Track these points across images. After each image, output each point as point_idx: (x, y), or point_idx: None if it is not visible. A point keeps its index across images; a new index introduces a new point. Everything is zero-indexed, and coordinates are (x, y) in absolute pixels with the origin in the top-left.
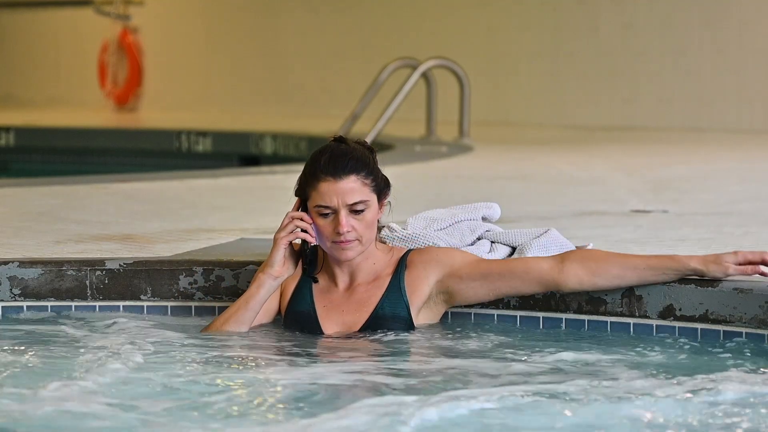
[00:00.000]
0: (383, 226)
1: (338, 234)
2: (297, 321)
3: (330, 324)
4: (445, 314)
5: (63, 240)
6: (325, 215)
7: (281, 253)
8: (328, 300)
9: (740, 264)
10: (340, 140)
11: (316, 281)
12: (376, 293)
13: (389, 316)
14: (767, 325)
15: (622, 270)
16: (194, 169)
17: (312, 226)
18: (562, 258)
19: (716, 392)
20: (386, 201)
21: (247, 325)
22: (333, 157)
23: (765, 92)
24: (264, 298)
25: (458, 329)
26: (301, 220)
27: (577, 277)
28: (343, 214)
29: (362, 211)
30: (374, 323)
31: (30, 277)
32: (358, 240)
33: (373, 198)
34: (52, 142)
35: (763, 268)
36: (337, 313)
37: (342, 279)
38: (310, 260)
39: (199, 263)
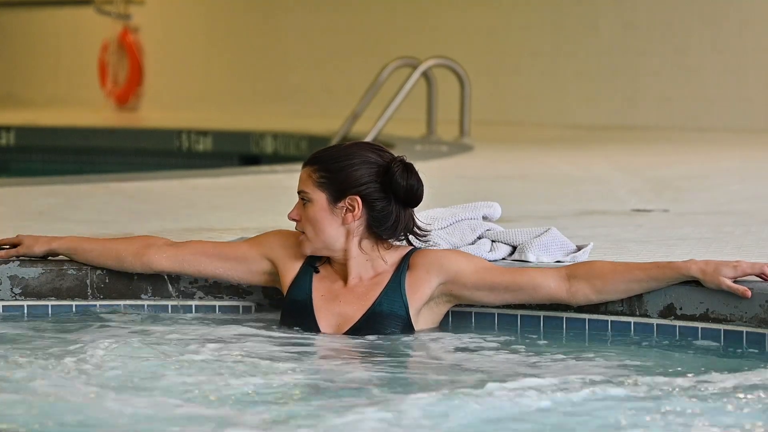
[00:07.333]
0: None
1: None
2: (293, 310)
3: (326, 315)
4: (446, 313)
5: None
6: None
7: None
8: (328, 290)
9: (737, 279)
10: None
11: (317, 271)
12: (375, 290)
13: (386, 314)
14: None
15: (626, 285)
16: (194, 168)
17: None
18: (568, 275)
19: (716, 391)
20: (343, 206)
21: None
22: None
23: (765, 92)
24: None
25: (458, 329)
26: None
27: (585, 297)
28: (299, 201)
29: (306, 202)
30: (371, 320)
31: (30, 277)
32: (304, 233)
33: (318, 194)
34: (52, 141)
35: (766, 270)
36: (335, 303)
37: (344, 272)
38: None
39: None
